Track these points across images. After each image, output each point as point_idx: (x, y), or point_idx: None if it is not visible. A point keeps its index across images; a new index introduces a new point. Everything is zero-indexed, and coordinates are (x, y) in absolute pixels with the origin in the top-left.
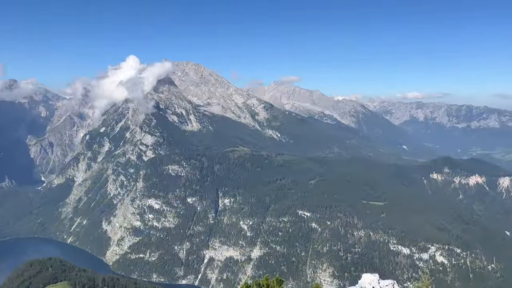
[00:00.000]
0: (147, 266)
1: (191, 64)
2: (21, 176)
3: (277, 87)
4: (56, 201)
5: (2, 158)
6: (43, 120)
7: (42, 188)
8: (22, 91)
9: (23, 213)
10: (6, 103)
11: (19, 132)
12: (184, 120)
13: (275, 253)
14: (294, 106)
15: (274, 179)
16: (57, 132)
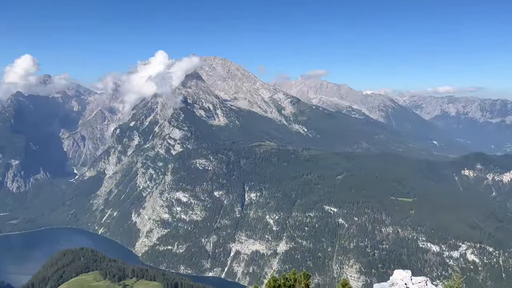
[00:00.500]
0: (175, 258)
1: (218, 59)
2: (55, 168)
3: (304, 81)
4: (88, 193)
5: (37, 151)
6: (76, 114)
7: (74, 181)
8: (55, 86)
9: (57, 204)
10: (40, 98)
11: (53, 126)
12: (211, 114)
13: (301, 248)
14: (321, 100)
15: (301, 174)
16: (88, 126)
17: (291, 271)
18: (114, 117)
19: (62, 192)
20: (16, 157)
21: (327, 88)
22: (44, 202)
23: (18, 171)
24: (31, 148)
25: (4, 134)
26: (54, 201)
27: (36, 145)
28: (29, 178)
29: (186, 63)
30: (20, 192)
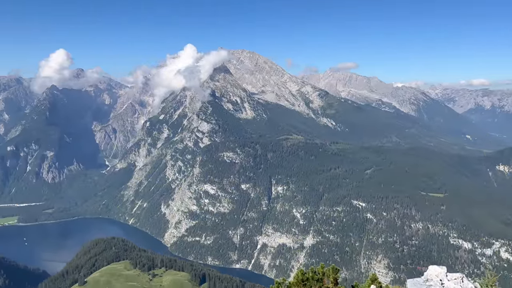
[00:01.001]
0: (203, 249)
1: (246, 52)
2: (87, 160)
3: (333, 74)
4: (119, 184)
5: (70, 143)
6: (107, 108)
7: (106, 172)
8: (88, 80)
9: (90, 195)
10: (74, 91)
11: (86, 119)
12: (238, 108)
13: (328, 242)
14: (350, 93)
15: (328, 168)
16: (119, 119)
17: (318, 265)
18: (144, 110)
19: (94, 183)
20: (51, 149)
21: (356, 81)
22: (78, 193)
23: (53, 162)
24: (65, 140)
25: (39, 127)
26: (87, 191)
27: (70, 137)
28: (63, 169)
29: (214, 56)
30: (55, 182)
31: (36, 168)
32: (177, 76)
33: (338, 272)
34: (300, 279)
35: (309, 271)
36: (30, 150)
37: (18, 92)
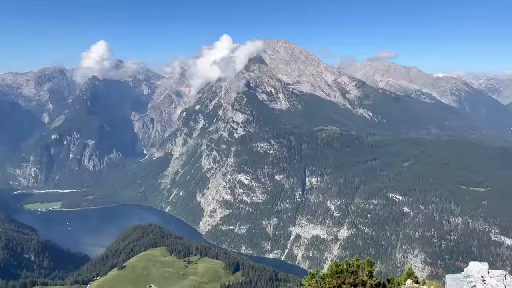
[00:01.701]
0: (237, 238)
1: (282, 42)
2: (126, 149)
3: (370, 64)
4: (156, 172)
5: (110, 132)
6: (145, 98)
7: (144, 160)
8: (127, 71)
9: (128, 183)
10: (113, 82)
11: (125, 108)
12: (273, 98)
13: (363, 235)
14: (389, 83)
15: (364, 159)
16: (157, 109)
17: (353, 258)
18: (181, 100)
19: (132, 171)
20: (92, 138)
21: (395, 71)
22: (117, 180)
23: (93, 150)
24: (105, 129)
25: (81, 116)
26: (126, 179)
27: (110, 127)
28: (103, 157)
29: (250, 46)
30: (95, 170)
31: (78, 156)
32: (212, 66)
33: (373, 265)
34: (334, 271)
35: (343, 263)
36: (73, 139)
37: (61, 82)
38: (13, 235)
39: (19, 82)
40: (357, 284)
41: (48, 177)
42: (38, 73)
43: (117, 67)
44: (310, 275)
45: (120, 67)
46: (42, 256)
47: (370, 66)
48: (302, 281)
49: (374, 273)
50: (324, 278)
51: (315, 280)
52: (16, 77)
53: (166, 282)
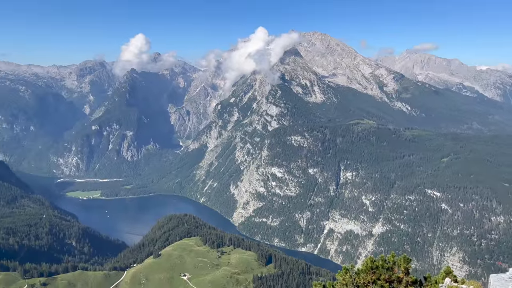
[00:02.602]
0: (269, 230)
1: (318, 34)
2: (163, 140)
3: (410, 56)
4: (192, 164)
5: (148, 124)
6: (181, 90)
7: (180, 152)
8: (164, 64)
9: (164, 173)
10: (151, 75)
11: (162, 101)
12: (308, 91)
13: (398, 231)
14: (428, 76)
15: (401, 154)
16: (193, 101)
17: (387, 254)
18: (216, 93)
19: (169, 162)
20: (130, 129)
21: (435, 63)
22: (154, 171)
23: (132, 141)
24: (143, 121)
25: (120, 108)
26: (162, 170)
27: (147, 118)
28: (141, 148)
29: (285, 39)
30: (133, 160)
31: (117, 146)
32: (247, 59)
33: (409, 262)
34: (369, 267)
35: (379, 259)
36: (112, 130)
37: (101, 75)
38: (56, 221)
39: (62, 74)
40: (393, 280)
41: (88, 166)
42: (80, 66)
43: (155, 60)
44: (345, 270)
45: (158, 60)
46: (83, 242)
47: (409, 58)
48: (336, 276)
49: (410, 270)
50: (358, 273)
51: (349, 275)
52: (59, 69)
53: (200, 271)
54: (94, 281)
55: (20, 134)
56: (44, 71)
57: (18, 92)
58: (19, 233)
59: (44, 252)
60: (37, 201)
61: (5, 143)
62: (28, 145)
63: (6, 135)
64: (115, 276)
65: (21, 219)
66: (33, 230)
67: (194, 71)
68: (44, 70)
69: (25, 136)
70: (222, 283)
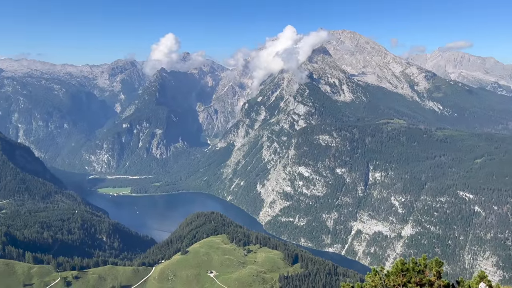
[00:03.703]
0: (296, 230)
1: (347, 32)
2: (191, 138)
3: (442, 54)
4: (219, 162)
5: (176, 122)
6: (210, 89)
7: (207, 150)
8: (193, 63)
9: (192, 171)
10: (180, 74)
11: (190, 100)
12: (336, 90)
13: (428, 234)
14: (461, 75)
15: (433, 155)
16: (221, 100)
17: (416, 256)
18: (244, 92)
19: (197, 160)
20: (159, 127)
21: (469, 62)
22: (182, 168)
23: (161, 139)
24: (172, 119)
25: (150, 106)
26: (190, 168)
27: (176, 117)
28: (170, 146)
29: (314, 37)
30: (162, 158)
31: (146, 144)
32: (275, 58)
33: (441, 265)
34: (399, 269)
35: (409, 261)
36: (142, 128)
37: (132, 74)
38: (88, 217)
39: (94, 73)
40: (424, 284)
41: (119, 163)
42: (111, 65)
43: (184, 59)
44: (374, 272)
45: (187, 59)
46: (113, 237)
47: (442, 56)
48: (365, 278)
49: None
50: (388, 275)
51: (378, 277)
52: (92, 69)
53: (226, 269)
54: (123, 276)
55: (55, 131)
56: (78, 70)
57: (53, 91)
58: (53, 227)
59: (76, 246)
60: (70, 196)
61: (41, 140)
62: (62, 142)
63: (41, 133)
64: (143, 272)
65: (55, 213)
66: (66, 225)
67: (222, 70)
68: (78, 69)
69: (59, 133)
70: (248, 282)
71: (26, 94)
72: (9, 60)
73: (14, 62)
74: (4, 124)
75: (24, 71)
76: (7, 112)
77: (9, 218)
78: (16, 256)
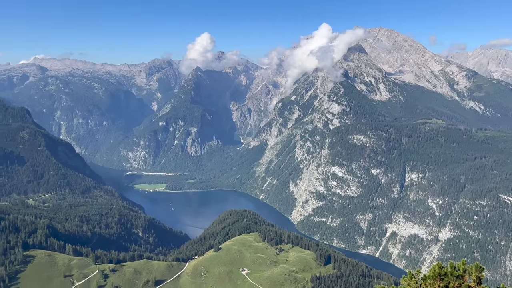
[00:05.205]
0: (329, 230)
1: (384, 30)
2: (225, 137)
3: (484, 52)
4: (252, 161)
5: (211, 120)
6: (244, 88)
7: (240, 149)
8: (228, 62)
9: (226, 169)
10: (215, 73)
11: (224, 98)
12: (372, 89)
13: (467, 238)
14: (505, 74)
15: (473, 157)
16: (254, 99)
17: (454, 260)
18: (277, 91)
19: (230, 158)
20: (194, 125)
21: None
22: (215, 166)
23: (195, 137)
24: (206, 118)
25: (185, 105)
26: (224, 166)
27: (210, 115)
28: (204, 144)
29: (350, 35)
30: (196, 156)
31: (181, 142)
32: (309, 57)
33: (482, 270)
34: (437, 273)
35: (447, 266)
36: (177, 126)
37: (168, 73)
38: (124, 212)
39: (132, 72)
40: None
41: (155, 160)
42: (149, 64)
43: (219, 58)
44: (410, 275)
45: (222, 59)
46: (148, 232)
47: (484, 54)
48: (401, 281)
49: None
50: (425, 279)
51: (415, 281)
52: (130, 68)
53: (258, 267)
54: (158, 270)
55: (94, 128)
56: (116, 70)
57: (93, 89)
58: (92, 221)
59: (113, 240)
60: (108, 192)
61: (81, 137)
62: (101, 139)
63: (82, 130)
64: (177, 267)
65: (94, 208)
66: (104, 219)
67: (256, 69)
68: (116, 68)
69: (98, 130)
70: (280, 281)
71: (68, 92)
72: (53, 60)
73: (57, 61)
74: (48, 121)
75: (67, 70)
76: (51, 110)
77: (51, 211)
78: (57, 248)
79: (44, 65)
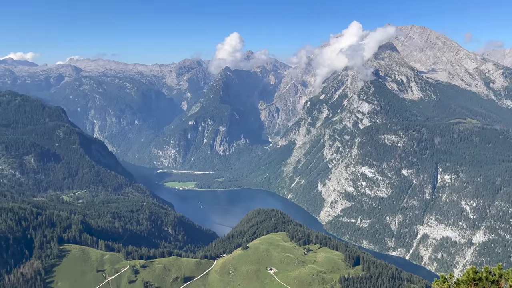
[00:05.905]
0: (358, 231)
1: (416, 27)
2: (253, 136)
3: None
4: (280, 160)
5: (239, 120)
6: (272, 87)
7: (268, 148)
8: (256, 61)
9: (254, 168)
10: (243, 72)
11: (253, 98)
12: (404, 88)
13: (503, 242)
14: None
15: (509, 158)
16: (282, 98)
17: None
18: (306, 90)
19: (258, 157)
20: (223, 124)
21: None
22: (244, 165)
23: (224, 136)
24: (235, 117)
25: (214, 104)
26: (252, 165)
27: (239, 115)
28: (232, 143)
29: (380, 33)
30: (225, 155)
31: (210, 141)
32: (339, 55)
33: None
34: (471, 278)
35: (482, 270)
36: (206, 125)
37: (198, 73)
38: (155, 209)
39: (163, 72)
40: None
41: (185, 159)
42: (179, 64)
43: (248, 58)
44: (442, 279)
45: (250, 58)
46: (178, 230)
47: None
48: (433, 284)
49: None
50: (458, 283)
51: (447, 285)
52: (161, 68)
53: (286, 266)
54: (187, 267)
55: (126, 127)
56: (148, 70)
57: (125, 89)
58: (123, 218)
59: (144, 237)
60: (139, 189)
61: (113, 135)
62: (133, 138)
63: (114, 128)
64: (206, 264)
65: (125, 205)
66: (135, 216)
67: (284, 68)
68: (148, 68)
69: (130, 129)
70: (307, 281)
71: (101, 92)
72: (87, 61)
73: (91, 62)
74: (82, 120)
75: (100, 70)
76: (85, 109)
77: (85, 208)
78: (90, 243)
79: (79, 65)
